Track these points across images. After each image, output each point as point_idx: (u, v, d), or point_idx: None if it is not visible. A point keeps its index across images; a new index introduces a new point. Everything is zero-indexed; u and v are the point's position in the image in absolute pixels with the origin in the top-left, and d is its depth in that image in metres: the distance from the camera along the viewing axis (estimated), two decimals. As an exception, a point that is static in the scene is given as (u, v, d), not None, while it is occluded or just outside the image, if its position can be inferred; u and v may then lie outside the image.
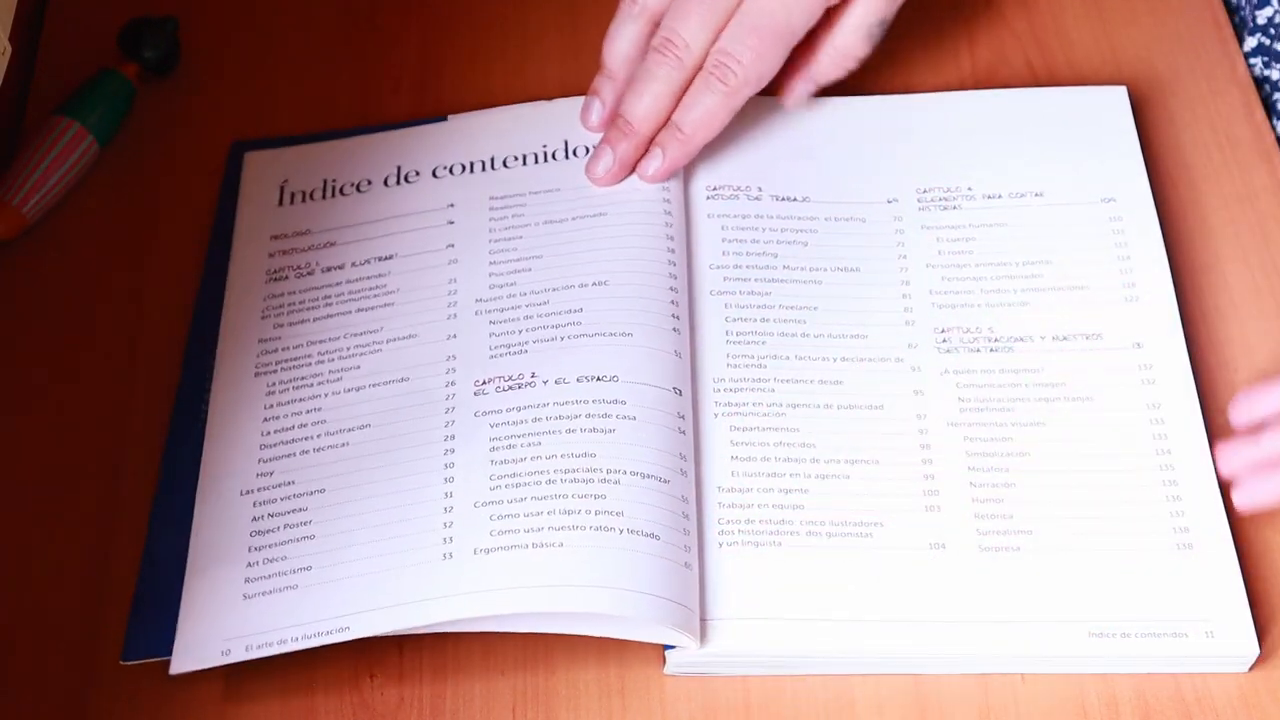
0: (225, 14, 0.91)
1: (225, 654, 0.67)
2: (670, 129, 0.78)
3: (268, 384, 0.75)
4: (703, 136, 0.78)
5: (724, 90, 0.77)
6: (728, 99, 0.77)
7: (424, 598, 0.67)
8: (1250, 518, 0.71)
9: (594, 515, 0.68)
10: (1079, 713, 0.67)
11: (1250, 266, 0.79)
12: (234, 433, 0.73)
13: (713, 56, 0.77)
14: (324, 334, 0.76)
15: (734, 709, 0.68)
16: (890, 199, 0.81)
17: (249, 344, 0.76)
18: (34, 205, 0.81)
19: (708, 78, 0.77)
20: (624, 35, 0.79)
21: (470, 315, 0.76)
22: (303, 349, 0.76)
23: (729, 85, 0.77)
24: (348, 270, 0.79)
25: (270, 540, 0.70)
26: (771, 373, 0.74)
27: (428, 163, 0.82)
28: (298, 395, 0.74)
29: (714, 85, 0.77)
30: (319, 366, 0.75)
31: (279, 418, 0.74)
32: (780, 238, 0.79)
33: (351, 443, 0.72)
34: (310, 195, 0.82)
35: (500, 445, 0.71)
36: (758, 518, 0.70)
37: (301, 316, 0.77)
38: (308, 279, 0.78)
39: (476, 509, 0.69)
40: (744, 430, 0.73)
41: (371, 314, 0.77)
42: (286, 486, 0.71)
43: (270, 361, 0.76)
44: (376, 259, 0.79)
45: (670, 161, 0.79)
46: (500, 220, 0.79)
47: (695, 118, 0.78)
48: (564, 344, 0.74)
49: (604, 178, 0.79)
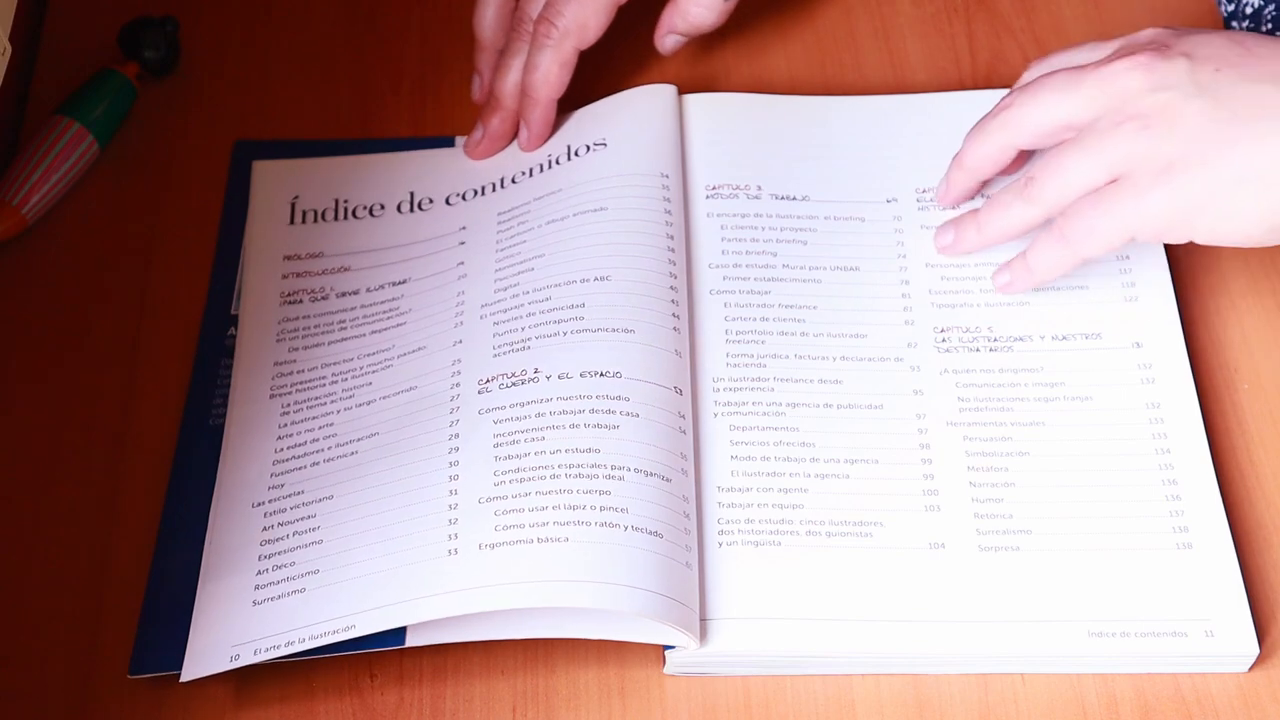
0: (225, 14, 0.91)
1: (234, 659, 0.67)
2: (522, 99, 0.83)
3: (282, 405, 0.75)
4: (546, 94, 0.82)
5: (550, 44, 0.81)
6: (555, 52, 0.81)
7: (428, 594, 0.67)
8: (1252, 518, 0.71)
9: (598, 511, 0.68)
10: (1079, 713, 0.67)
11: (1250, 266, 0.79)
12: (248, 451, 0.74)
13: (538, 17, 0.82)
14: (339, 356, 0.77)
15: (734, 709, 0.68)
16: (890, 199, 0.81)
17: (265, 366, 0.76)
18: (34, 205, 0.81)
19: (535, 37, 0.82)
20: (486, 11, 0.85)
21: (476, 320, 0.76)
22: (317, 371, 0.76)
23: (552, 38, 0.81)
24: (362, 295, 0.79)
25: (279, 548, 0.70)
26: (771, 372, 0.74)
27: (440, 190, 0.82)
28: (311, 414, 0.75)
29: (541, 42, 0.82)
30: (333, 386, 0.76)
31: (292, 435, 0.74)
32: (780, 236, 0.79)
33: (360, 451, 0.73)
34: (322, 215, 0.82)
35: (504, 441, 0.71)
36: (757, 517, 0.70)
37: (316, 340, 0.77)
38: (322, 304, 0.79)
39: (481, 505, 0.69)
40: (743, 430, 0.73)
41: (384, 334, 0.77)
42: (296, 496, 0.72)
43: (286, 384, 0.76)
44: (390, 284, 0.79)
45: (532, 127, 0.83)
46: (506, 230, 0.80)
47: (534, 79, 0.82)
48: (566, 339, 0.74)
49: (475, 150, 0.84)
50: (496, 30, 0.85)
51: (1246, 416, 0.75)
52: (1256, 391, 0.75)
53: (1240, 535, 0.71)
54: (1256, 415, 0.75)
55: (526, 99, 0.82)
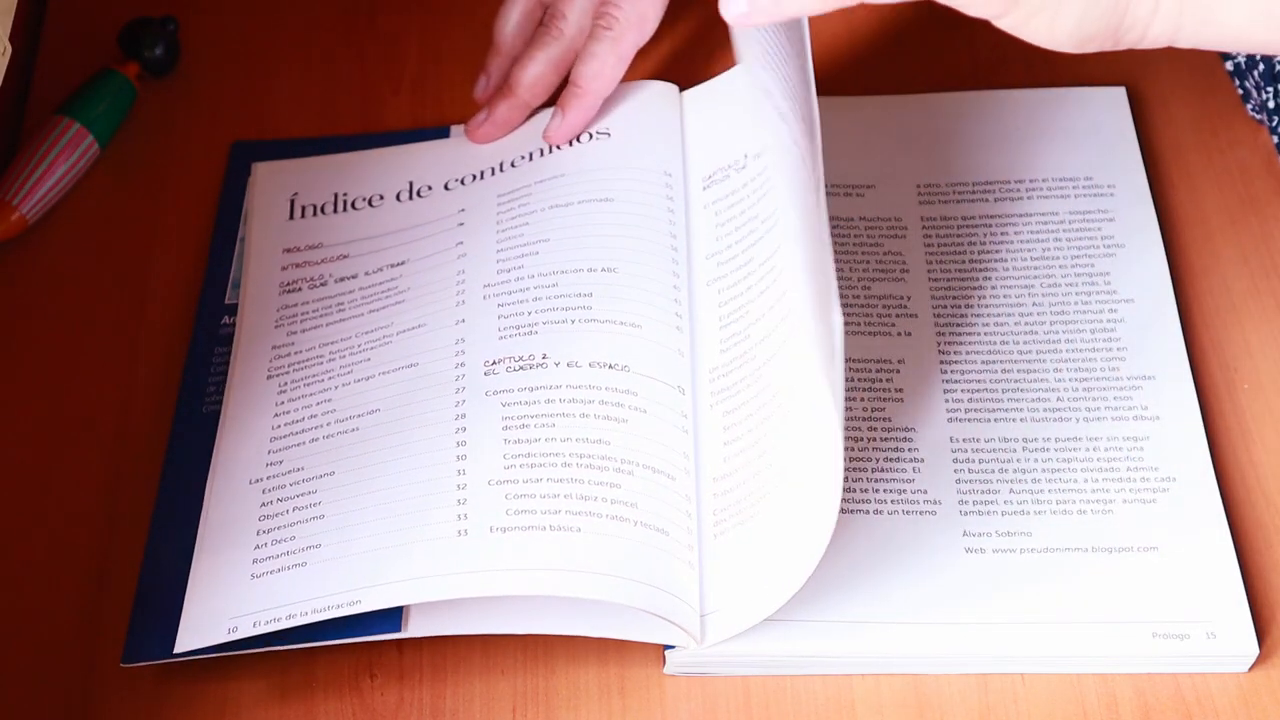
0: (225, 14, 0.91)
1: (232, 630, 0.66)
2: (569, 87, 0.81)
3: (279, 385, 0.75)
4: (597, 87, 0.81)
5: (610, 36, 0.80)
6: (614, 45, 0.80)
7: (438, 573, 0.66)
8: (1252, 518, 0.71)
9: (609, 504, 0.68)
10: (1079, 713, 0.67)
11: (1250, 266, 0.79)
12: (245, 431, 0.73)
13: (597, 9, 0.81)
14: (337, 336, 0.77)
15: (734, 709, 0.68)
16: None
17: (262, 351, 0.76)
18: (34, 205, 0.81)
19: (595, 29, 0.81)
20: (511, 14, 0.84)
21: (478, 300, 0.76)
22: (314, 350, 0.76)
23: (614, 31, 0.80)
24: (360, 279, 0.79)
25: (278, 523, 0.70)
26: (755, 341, 0.73)
27: (438, 177, 0.82)
28: (309, 390, 0.74)
29: (600, 34, 0.80)
30: (330, 364, 0.75)
31: (290, 412, 0.74)
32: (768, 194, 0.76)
33: (361, 428, 0.72)
34: (321, 209, 0.82)
35: (513, 424, 0.71)
36: (743, 495, 0.69)
37: (315, 323, 0.77)
38: (321, 289, 0.79)
39: (491, 487, 0.69)
40: (732, 411, 0.72)
41: (383, 313, 0.77)
42: (296, 473, 0.71)
43: (283, 365, 0.76)
44: (389, 265, 0.79)
45: (570, 118, 0.81)
46: (507, 211, 0.80)
47: (588, 69, 0.81)
48: (574, 327, 0.74)
49: (477, 132, 0.83)
50: (516, 36, 0.84)
51: (1246, 416, 0.75)
52: (1256, 391, 0.75)
53: (1240, 535, 0.71)
54: (1256, 415, 0.75)
55: (575, 88, 0.81)
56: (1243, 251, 0.80)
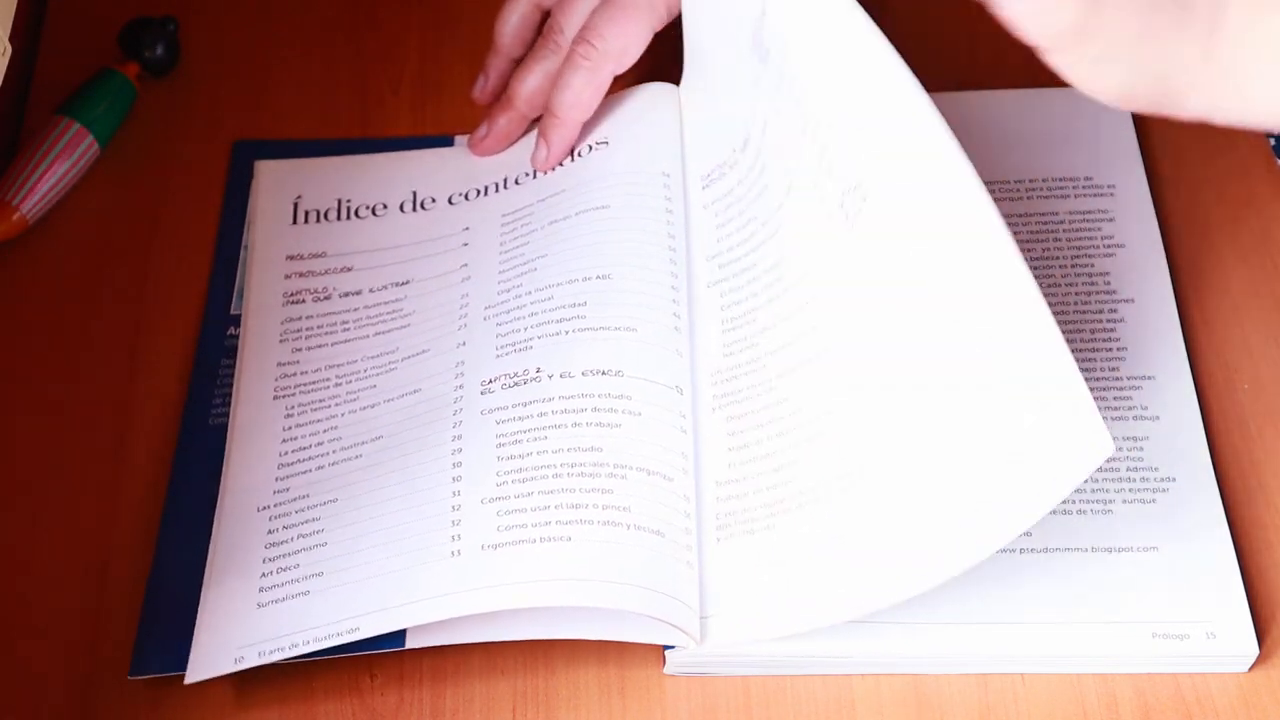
0: (225, 14, 0.91)
1: (238, 660, 0.67)
2: (546, 115, 0.81)
3: (286, 407, 0.75)
4: (574, 116, 0.80)
5: (586, 66, 0.79)
6: (591, 75, 0.79)
7: (430, 595, 0.67)
8: (1252, 518, 0.71)
9: (601, 510, 0.68)
10: (1079, 713, 0.67)
11: (1250, 267, 0.79)
12: (253, 454, 0.74)
13: (577, 36, 0.80)
14: (342, 358, 0.77)
15: (734, 709, 0.68)
16: None
17: (268, 367, 0.76)
18: (34, 205, 0.81)
19: (571, 56, 0.80)
20: (510, 16, 0.84)
21: (479, 322, 0.76)
22: (321, 373, 0.76)
23: (590, 60, 0.79)
24: (365, 296, 0.79)
25: (284, 551, 0.70)
26: (763, 350, 0.73)
27: (443, 190, 0.82)
28: (315, 416, 0.75)
29: (576, 63, 0.79)
30: (336, 389, 0.76)
31: (297, 438, 0.74)
32: (763, 194, 0.76)
33: (364, 454, 0.73)
34: (325, 215, 0.82)
35: (507, 441, 0.71)
36: (753, 504, 0.69)
37: (320, 341, 0.77)
38: (325, 304, 0.79)
39: (484, 505, 0.69)
40: (739, 418, 0.72)
41: (388, 337, 0.77)
42: (301, 500, 0.72)
43: (289, 385, 0.76)
44: (394, 284, 0.79)
45: (553, 147, 0.81)
46: (510, 232, 0.80)
47: (564, 99, 0.80)
48: (568, 338, 0.74)
49: (479, 146, 0.83)
50: (516, 38, 0.84)
51: (1246, 416, 0.75)
52: (1256, 391, 0.75)
53: (1240, 535, 0.71)
54: (1256, 415, 0.75)
55: (553, 118, 0.80)
56: (1243, 251, 0.80)
